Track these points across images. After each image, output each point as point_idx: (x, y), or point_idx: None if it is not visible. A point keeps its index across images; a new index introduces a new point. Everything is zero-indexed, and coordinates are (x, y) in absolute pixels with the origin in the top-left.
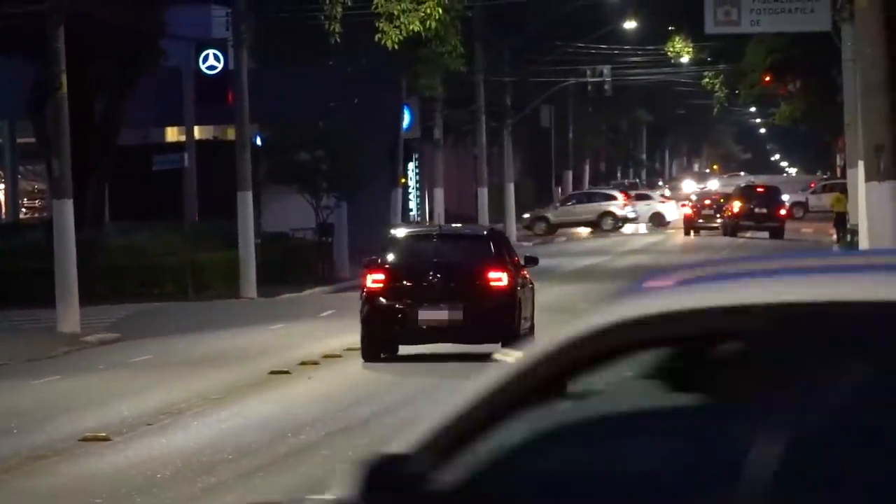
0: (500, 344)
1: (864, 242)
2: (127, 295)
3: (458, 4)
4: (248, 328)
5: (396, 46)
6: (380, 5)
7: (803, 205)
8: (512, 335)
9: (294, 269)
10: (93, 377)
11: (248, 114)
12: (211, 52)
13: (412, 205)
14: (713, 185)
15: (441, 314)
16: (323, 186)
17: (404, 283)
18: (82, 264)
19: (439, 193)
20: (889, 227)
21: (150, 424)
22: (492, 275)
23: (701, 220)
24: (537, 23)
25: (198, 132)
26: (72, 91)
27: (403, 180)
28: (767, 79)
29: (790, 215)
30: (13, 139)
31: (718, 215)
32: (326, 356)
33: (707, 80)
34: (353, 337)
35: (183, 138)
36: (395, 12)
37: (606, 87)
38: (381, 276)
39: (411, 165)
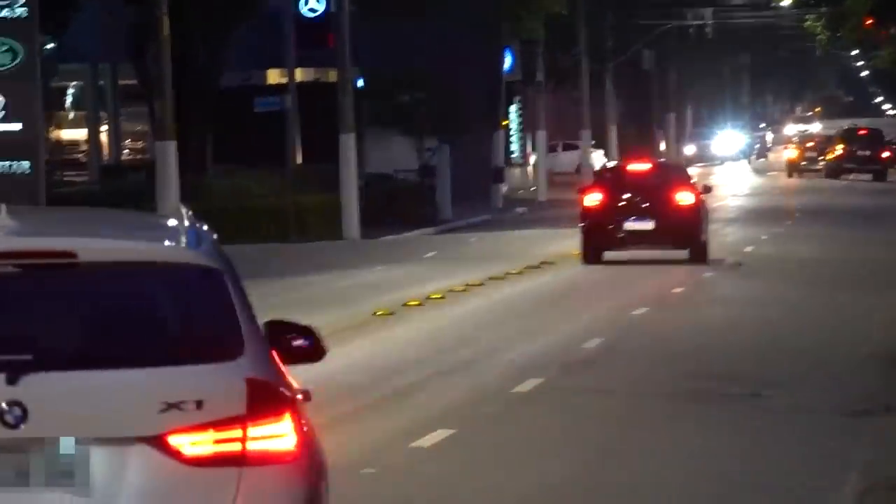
0: (686, 250)
1: None
2: (229, 237)
3: None
4: (350, 270)
5: None
6: None
7: None
8: (695, 244)
9: (396, 210)
10: None
11: (350, 57)
12: None
13: (514, 147)
14: (815, 127)
15: (641, 225)
16: (425, 129)
17: (613, 201)
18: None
19: (541, 136)
20: None
21: None
22: (679, 196)
23: (804, 163)
24: None
25: (299, 74)
26: (173, 34)
27: (505, 123)
28: (869, 21)
29: (894, 158)
30: (115, 82)
31: (821, 158)
32: (430, 298)
33: (809, 23)
34: (457, 279)
35: (285, 81)
36: None
37: (708, 30)
38: (596, 196)
39: (513, 108)
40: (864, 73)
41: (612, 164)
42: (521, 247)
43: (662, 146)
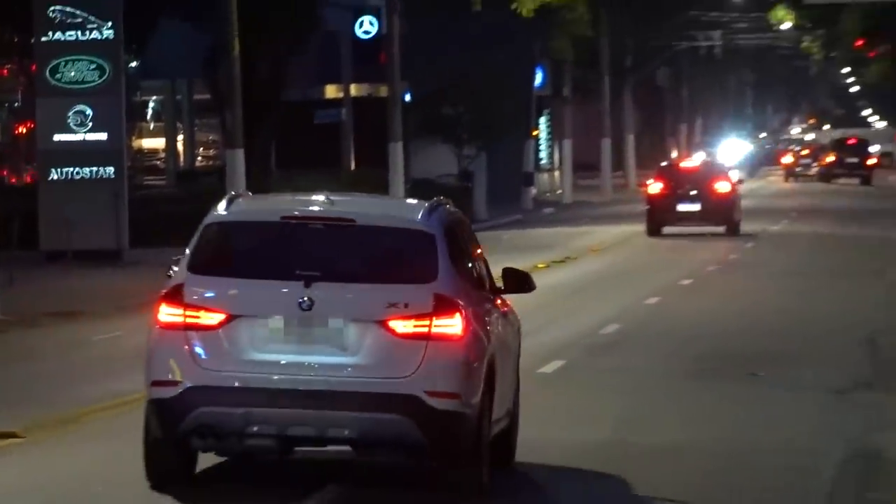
0: (724, 227)
1: None
2: None
3: None
4: None
5: (531, 14)
6: None
7: (891, 155)
8: (730, 222)
9: None
10: None
11: (400, 73)
12: (366, 18)
13: (543, 154)
14: (810, 137)
15: (690, 207)
16: (465, 138)
17: (669, 190)
18: None
19: (567, 144)
20: None
21: None
22: (719, 185)
23: (799, 169)
24: None
25: (354, 90)
26: (242, 53)
27: (536, 132)
28: (860, 42)
29: (879, 164)
30: (191, 96)
31: (814, 164)
32: None
33: (806, 44)
34: (495, 270)
35: (341, 95)
36: None
37: (717, 50)
38: (657, 186)
39: (543, 119)
40: (854, 89)
41: (666, 162)
42: (548, 242)
43: (674, 153)
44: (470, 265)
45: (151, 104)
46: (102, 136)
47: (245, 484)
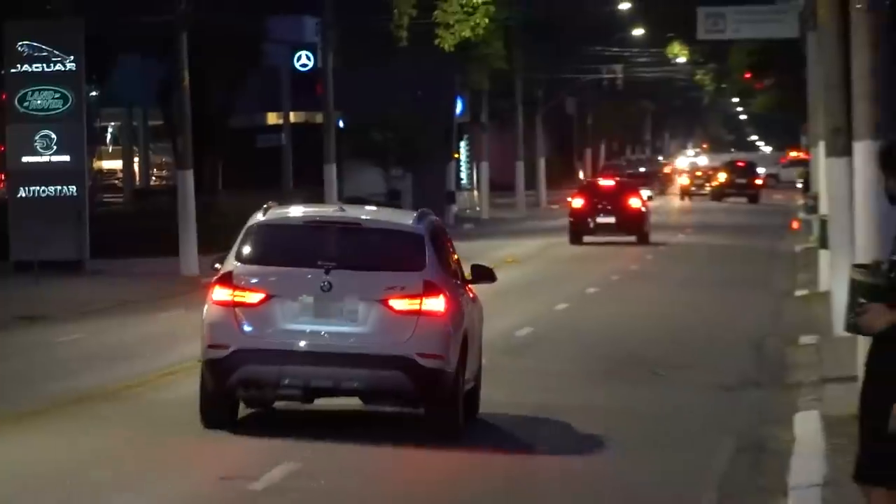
0: (636, 238)
1: (823, 205)
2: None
3: (502, 16)
4: None
5: (452, 49)
6: (438, 16)
7: (775, 176)
8: (641, 233)
9: None
10: None
11: (333, 102)
12: (303, 53)
13: (463, 175)
14: (703, 160)
15: (607, 219)
16: (392, 160)
17: (589, 204)
18: (200, 222)
19: (485, 166)
20: (844, 192)
21: None
22: (631, 201)
23: (694, 188)
24: (565, 30)
25: (293, 117)
26: (193, 83)
27: (456, 156)
28: (747, 75)
29: (765, 185)
30: (146, 122)
31: (708, 184)
32: None
33: (699, 76)
34: None
35: (281, 122)
36: (451, 21)
37: (618, 82)
38: (579, 200)
39: (462, 144)
40: (743, 117)
41: (586, 181)
42: (468, 255)
43: (581, 175)
44: (447, 260)
45: (110, 129)
46: (66, 158)
47: (271, 429)
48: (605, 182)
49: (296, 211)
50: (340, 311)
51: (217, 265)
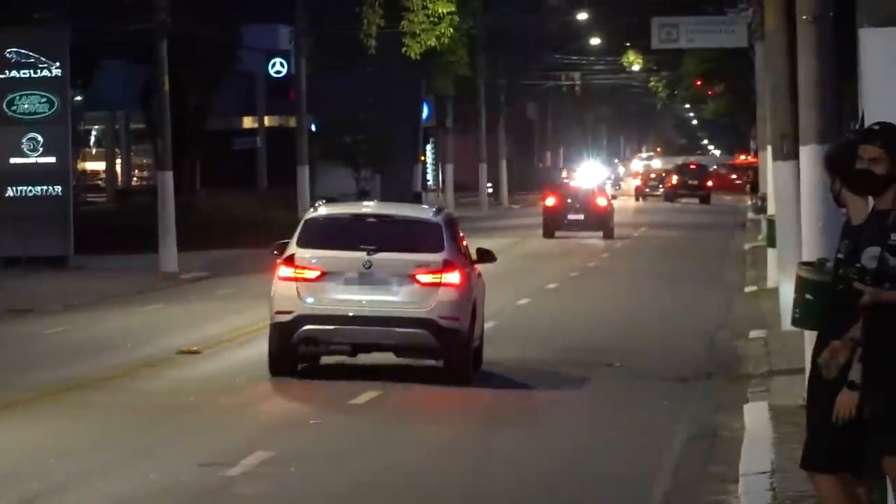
0: (602, 233)
1: (771, 206)
2: (213, 243)
3: (466, 25)
4: None
5: (418, 56)
6: (405, 25)
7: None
8: (607, 228)
9: None
10: (187, 305)
11: (306, 107)
12: (278, 60)
13: (429, 177)
14: (656, 163)
15: (577, 216)
16: (361, 162)
17: (561, 202)
18: (179, 220)
19: (450, 168)
20: (791, 194)
21: (231, 341)
22: (599, 200)
23: (647, 190)
24: (525, 39)
25: (267, 120)
26: (172, 88)
27: (422, 158)
28: (699, 83)
29: (716, 186)
30: (128, 125)
31: (661, 186)
32: None
33: (653, 83)
34: None
35: (256, 125)
36: (417, 31)
37: (577, 88)
38: (551, 200)
39: (428, 147)
40: (695, 122)
41: (560, 182)
42: None
43: (564, 177)
44: (459, 244)
45: (94, 132)
46: (52, 159)
47: (248, 419)
48: (576, 183)
49: (342, 207)
50: (379, 285)
51: (275, 252)
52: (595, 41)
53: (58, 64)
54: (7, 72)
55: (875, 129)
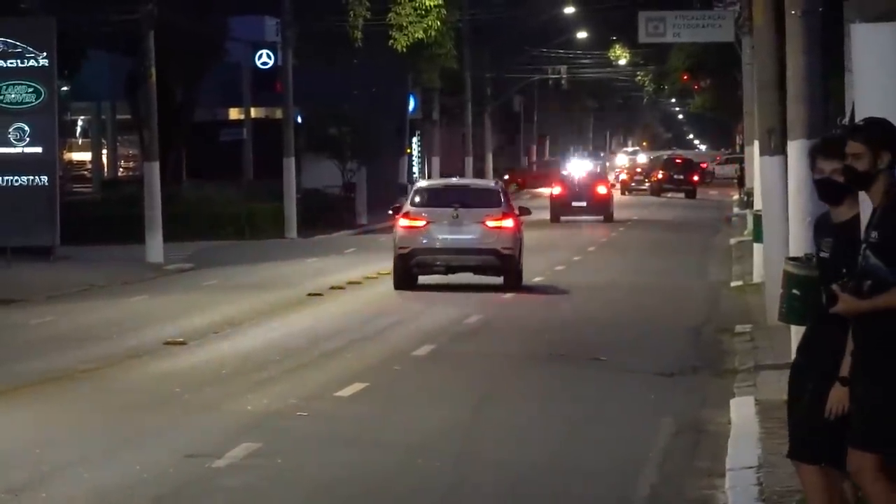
0: (602, 217)
1: (757, 201)
2: (199, 235)
3: (453, 18)
4: (290, 261)
5: (405, 49)
6: (392, 18)
7: (711, 173)
8: (607, 213)
9: (325, 217)
10: (173, 296)
11: (292, 99)
12: (264, 51)
13: (415, 169)
14: (642, 158)
15: (580, 203)
16: (347, 154)
17: (565, 191)
18: (165, 211)
19: (436, 161)
20: (778, 189)
21: (216, 333)
22: (599, 188)
23: (633, 184)
24: (512, 32)
25: (254, 112)
26: (158, 80)
27: (409, 150)
28: (685, 77)
29: (701, 181)
30: (114, 116)
31: (647, 180)
32: (350, 282)
33: (639, 77)
34: (371, 268)
35: (242, 117)
36: (404, 23)
37: (563, 81)
38: (557, 189)
39: (415, 139)
40: (680, 116)
41: (565, 172)
42: None
43: (564, 172)
44: (510, 202)
45: (80, 122)
46: (38, 149)
47: (235, 410)
48: (579, 173)
49: (438, 181)
50: (464, 228)
51: (392, 211)
52: (582, 35)
53: (45, 54)
54: None
55: (859, 125)
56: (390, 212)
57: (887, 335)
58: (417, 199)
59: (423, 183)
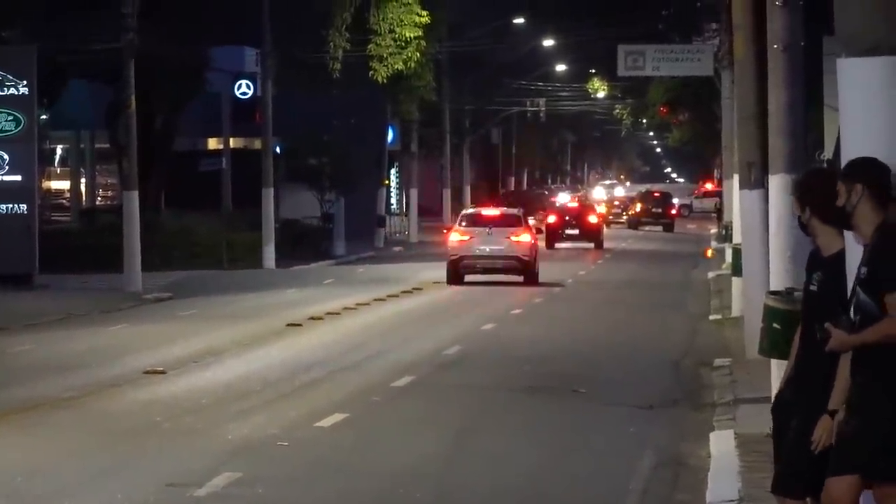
0: (593, 245)
1: (736, 234)
2: (177, 264)
3: (432, 50)
4: (268, 291)
5: (384, 80)
6: (372, 49)
7: (689, 206)
8: (598, 241)
9: (303, 247)
10: (151, 326)
11: (272, 129)
12: (244, 81)
13: (393, 200)
14: (619, 191)
15: (573, 231)
16: (326, 185)
17: (559, 220)
18: (144, 240)
19: (414, 192)
20: (757, 222)
21: (196, 362)
22: (590, 217)
23: (611, 217)
24: (491, 65)
25: (233, 142)
26: (139, 109)
27: (387, 182)
28: (664, 110)
29: (679, 214)
30: (93, 145)
31: (625, 213)
32: (329, 313)
33: (618, 110)
34: (350, 299)
35: (221, 147)
36: (384, 55)
37: (541, 114)
38: (552, 218)
39: (393, 171)
40: (658, 150)
41: (559, 203)
42: (397, 276)
43: (556, 202)
44: (528, 223)
45: (59, 151)
46: (17, 177)
47: (216, 438)
48: (572, 204)
49: (475, 209)
50: (494, 241)
51: (446, 231)
52: (560, 67)
53: (25, 82)
54: None
55: (856, 164)
56: (445, 231)
57: (881, 368)
58: (463, 222)
59: (467, 210)
